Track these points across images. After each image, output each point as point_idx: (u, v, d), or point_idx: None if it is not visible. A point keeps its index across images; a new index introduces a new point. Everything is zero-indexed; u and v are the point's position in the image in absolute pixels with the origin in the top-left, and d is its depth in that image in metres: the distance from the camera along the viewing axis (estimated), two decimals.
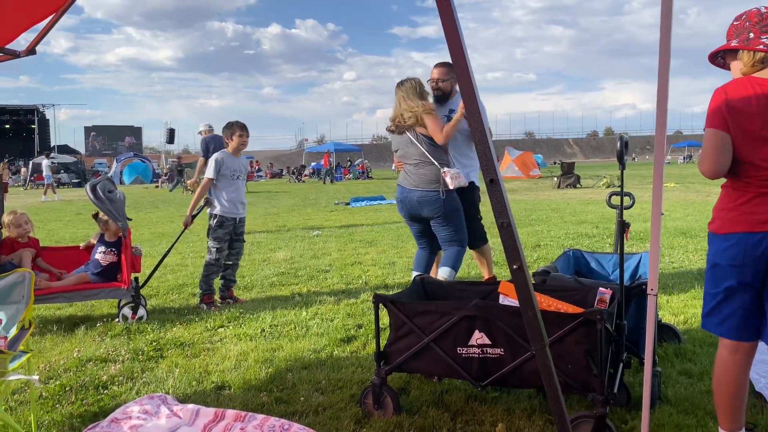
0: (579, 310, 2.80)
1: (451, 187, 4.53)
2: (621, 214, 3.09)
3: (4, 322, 2.95)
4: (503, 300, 3.09)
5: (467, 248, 4.90)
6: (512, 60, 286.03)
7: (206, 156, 9.79)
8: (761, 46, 2.27)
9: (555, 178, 23.68)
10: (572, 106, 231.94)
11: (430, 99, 4.86)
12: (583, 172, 28.74)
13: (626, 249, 4.78)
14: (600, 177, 24.69)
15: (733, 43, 2.35)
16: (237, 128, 5.44)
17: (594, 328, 2.58)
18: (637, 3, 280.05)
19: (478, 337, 2.78)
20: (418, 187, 4.64)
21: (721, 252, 2.33)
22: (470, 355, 2.81)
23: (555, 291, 3.13)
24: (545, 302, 2.91)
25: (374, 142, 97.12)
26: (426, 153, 4.61)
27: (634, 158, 73.65)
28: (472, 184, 4.99)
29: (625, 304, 2.91)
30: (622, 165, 2.75)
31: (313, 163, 46.72)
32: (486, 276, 5.32)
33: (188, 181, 14.25)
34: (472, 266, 6.81)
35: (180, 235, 5.74)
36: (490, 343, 2.77)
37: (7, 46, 2.81)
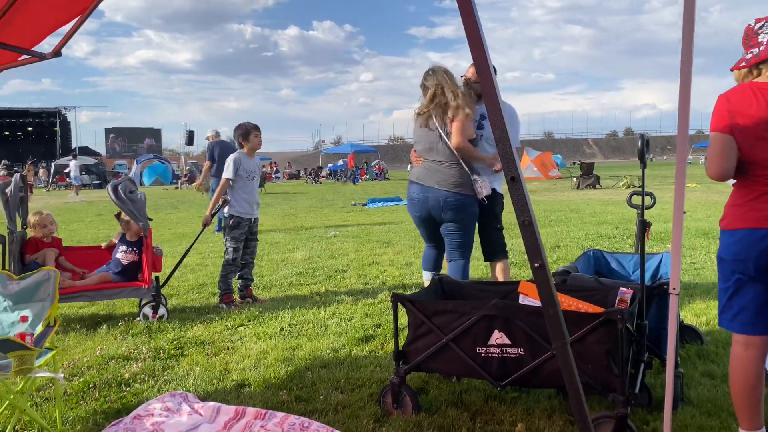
0: (600, 309, 2.78)
1: (480, 196, 4.33)
2: (642, 214, 3.06)
3: (30, 320, 3.01)
4: (523, 300, 3.08)
5: (485, 261, 4.84)
6: (531, 60, 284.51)
7: (212, 160, 10.33)
8: (743, 63, 2.43)
9: (574, 179, 23.50)
10: (591, 106, 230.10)
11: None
12: (603, 172, 28.48)
13: (646, 249, 4.75)
14: (620, 177, 24.46)
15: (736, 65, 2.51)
16: (253, 129, 5.50)
17: (615, 327, 2.56)
18: (657, 2, 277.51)
19: (498, 337, 2.77)
20: (445, 188, 4.31)
21: (727, 247, 2.43)
22: (489, 354, 2.81)
23: (575, 291, 3.12)
24: (566, 302, 2.89)
25: (391, 143, 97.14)
26: (456, 153, 4.30)
27: (652, 158, 72.79)
28: (494, 191, 4.69)
29: (646, 305, 2.89)
30: (643, 164, 2.73)
31: (330, 164, 46.83)
32: None
33: (194, 184, 14.38)
34: (489, 267, 6.78)
35: (199, 234, 5.80)
36: (509, 342, 2.76)
37: (32, 48, 2.86)
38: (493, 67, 1.81)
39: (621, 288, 3.01)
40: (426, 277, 4.73)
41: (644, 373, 2.91)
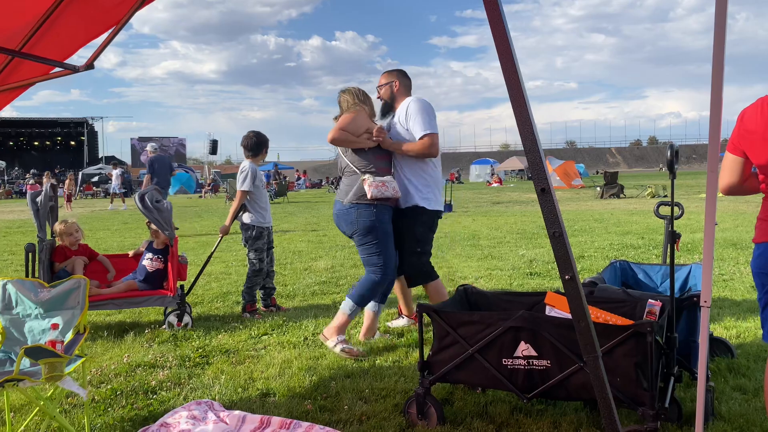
0: (628, 322, 2.74)
1: (368, 195, 4.00)
2: (671, 224, 3.02)
3: (60, 327, 3.05)
4: (550, 311, 3.05)
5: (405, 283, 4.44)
6: (553, 69, 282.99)
7: (151, 173, 12.11)
8: None
9: (598, 188, 23.28)
10: (615, 115, 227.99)
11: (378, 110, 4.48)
12: (627, 181, 28.18)
13: (674, 260, 4.69)
14: (644, 187, 24.17)
15: None
16: (267, 141, 5.65)
17: (644, 340, 2.52)
18: (683, 9, 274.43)
19: (524, 349, 2.75)
20: (339, 200, 4.22)
21: (754, 260, 2.44)
22: (516, 366, 2.78)
23: (602, 302, 3.08)
24: (593, 314, 2.86)
25: None
26: (350, 163, 4.17)
27: (677, 168, 71.80)
28: (415, 208, 4.21)
29: (675, 317, 2.84)
30: (673, 174, 2.70)
31: None
32: (404, 311, 4.82)
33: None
34: (514, 277, 6.74)
35: (217, 244, 5.84)
36: (536, 354, 2.73)
37: (65, 61, 2.92)
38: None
39: (649, 300, 2.97)
40: (366, 307, 4.42)
41: (674, 386, 2.86)
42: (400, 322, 4.85)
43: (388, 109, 4.46)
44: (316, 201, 26.46)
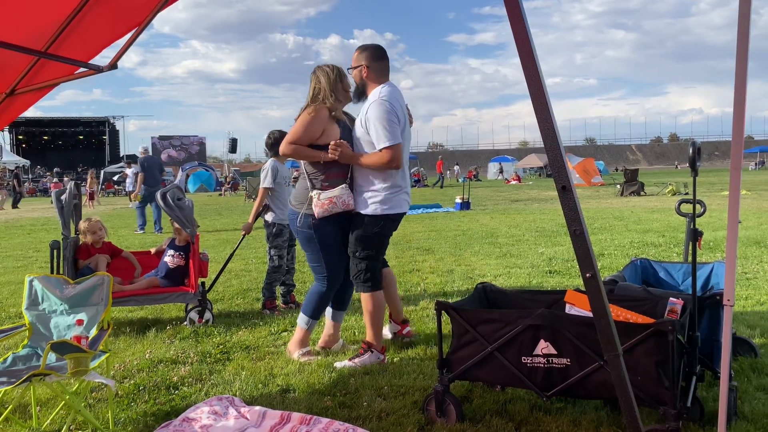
0: (649, 320, 2.72)
1: (315, 215, 3.78)
2: (693, 222, 2.99)
3: (85, 323, 3.11)
4: (569, 309, 3.04)
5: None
6: (572, 65, 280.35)
7: (144, 172, 13.25)
8: None
9: (618, 186, 23.05)
10: (635, 112, 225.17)
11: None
12: (647, 179, 27.86)
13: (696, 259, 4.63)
14: (665, 184, 23.89)
15: None
16: None
17: (665, 339, 2.50)
18: (705, 4, 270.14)
19: (544, 347, 2.74)
20: (290, 203, 4.03)
21: None
22: (535, 364, 2.78)
23: (623, 300, 3.06)
24: (613, 312, 2.84)
25: (430, 150, 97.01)
26: (302, 168, 3.95)
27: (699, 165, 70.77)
28: (358, 213, 3.84)
29: (698, 316, 2.81)
30: (695, 171, 2.67)
31: None
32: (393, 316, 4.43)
33: (132, 195, 14.89)
34: (533, 275, 6.72)
35: (240, 241, 5.89)
36: (555, 353, 2.72)
37: (90, 62, 2.97)
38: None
39: (671, 298, 2.94)
40: (326, 314, 4.23)
41: (696, 386, 2.83)
42: (385, 332, 4.39)
43: (361, 93, 3.96)
44: None
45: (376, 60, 3.87)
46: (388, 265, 4.33)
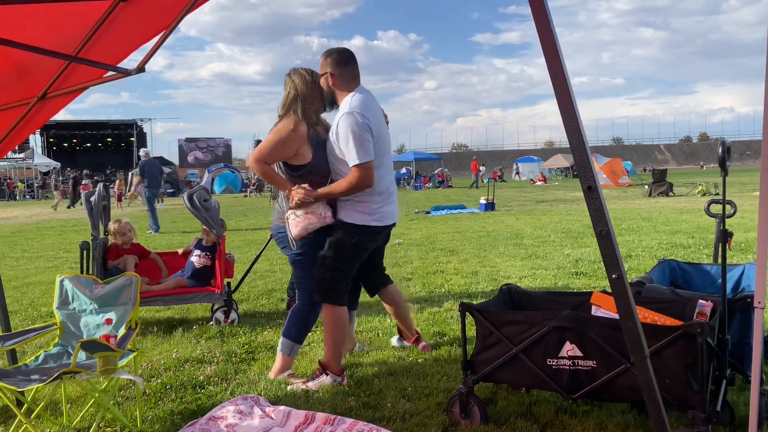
0: (677, 322, 2.68)
1: (294, 236, 3.53)
2: (723, 223, 2.93)
3: (114, 322, 3.17)
4: (596, 311, 3.01)
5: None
6: (599, 64, 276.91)
7: (142, 175, 13.89)
8: None
9: (646, 186, 22.71)
10: (663, 111, 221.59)
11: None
12: (676, 179, 27.41)
13: (727, 260, 4.54)
14: (695, 185, 23.46)
15: None
16: None
17: (694, 341, 2.46)
18: (736, 1, 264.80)
19: (569, 349, 2.72)
20: (273, 220, 3.86)
21: None
22: (561, 366, 2.75)
23: (651, 302, 3.01)
24: (640, 314, 2.80)
25: (454, 151, 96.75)
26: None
27: (730, 164, 69.48)
28: (342, 223, 3.56)
29: (728, 318, 2.76)
30: (725, 171, 2.62)
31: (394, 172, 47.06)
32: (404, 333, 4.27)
33: (128, 194, 15.21)
34: (559, 277, 6.65)
35: (267, 243, 5.94)
36: (581, 355, 2.69)
37: (118, 65, 3.02)
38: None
39: (700, 300, 2.89)
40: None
41: (726, 389, 2.78)
42: (395, 344, 4.31)
43: (332, 102, 3.68)
44: None
45: (341, 66, 3.57)
46: (392, 282, 4.12)
